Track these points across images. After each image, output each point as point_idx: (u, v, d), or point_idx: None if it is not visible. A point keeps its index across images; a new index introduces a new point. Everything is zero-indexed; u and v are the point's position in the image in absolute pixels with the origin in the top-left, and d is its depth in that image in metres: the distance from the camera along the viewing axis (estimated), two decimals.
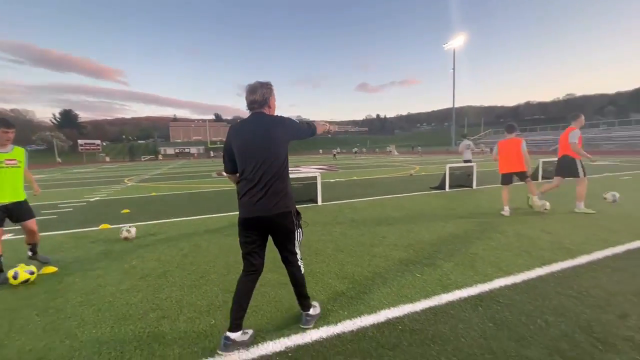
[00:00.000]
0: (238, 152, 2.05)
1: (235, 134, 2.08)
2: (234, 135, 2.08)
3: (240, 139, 2.05)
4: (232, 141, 2.08)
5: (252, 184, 2.01)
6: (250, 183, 2.01)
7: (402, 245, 4.02)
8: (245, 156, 2.03)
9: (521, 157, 5.56)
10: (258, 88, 2.14)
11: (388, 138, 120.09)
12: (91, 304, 2.70)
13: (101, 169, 32.70)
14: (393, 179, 12.53)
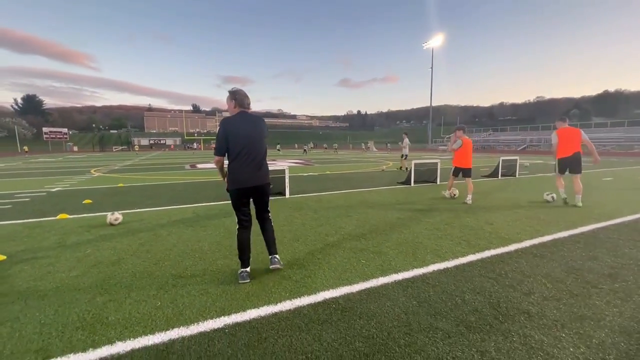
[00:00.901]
0: (235, 139, 2.71)
1: (234, 125, 2.73)
2: (232, 126, 2.72)
3: (240, 130, 2.73)
4: (229, 131, 2.71)
5: (248, 163, 2.76)
6: (247, 162, 2.75)
7: (355, 235, 4.25)
8: (244, 142, 2.73)
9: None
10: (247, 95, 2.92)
11: (368, 134, 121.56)
12: (37, 290, 2.73)
13: (67, 159, 31.14)
14: (365, 174, 12.86)
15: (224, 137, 2.71)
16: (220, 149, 2.75)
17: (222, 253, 3.59)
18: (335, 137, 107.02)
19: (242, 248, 2.88)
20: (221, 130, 2.72)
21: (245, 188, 2.80)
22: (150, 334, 2.06)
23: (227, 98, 2.86)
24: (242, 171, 2.76)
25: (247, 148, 2.75)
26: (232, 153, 2.74)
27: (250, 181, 2.81)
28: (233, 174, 2.77)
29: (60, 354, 1.88)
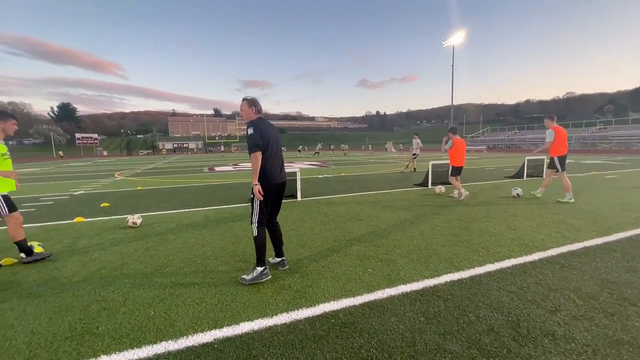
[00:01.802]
0: (267, 140, 2.85)
1: (265, 128, 2.88)
2: (264, 128, 2.86)
3: (269, 132, 2.90)
4: (263, 132, 2.84)
5: (277, 161, 2.99)
6: (277, 161, 2.98)
7: (365, 240, 4.04)
8: (273, 144, 2.93)
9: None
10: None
11: (387, 135, 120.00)
12: (38, 296, 2.72)
13: (96, 163, 32.65)
14: (381, 176, 12.54)
15: (260, 136, 2.80)
16: (260, 145, 2.80)
17: (224, 259, 3.49)
18: (353, 138, 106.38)
19: (265, 246, 2.93)
20: (257, 129, 2.81)
21: (277, 184, 2.97)
22: (137, 348, 1.97)
23: (245, 105, 2.98)
24: (275, 168, 2.95)
25: (275, 150, 2.97)
26: (265, 152, 2.85)
27: (280, 178, 3.02)
28: (268, 171, 2.87)
29: None
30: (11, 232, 3.53)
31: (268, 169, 2.88)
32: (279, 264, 3.24)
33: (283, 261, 3.23)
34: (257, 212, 2.89)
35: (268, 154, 2.88)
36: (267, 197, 2.90)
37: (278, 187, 3.02)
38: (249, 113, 2.98)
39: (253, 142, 2.80)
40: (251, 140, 2.81)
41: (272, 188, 2.94)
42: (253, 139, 2.80)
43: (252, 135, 2.80)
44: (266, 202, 2.93)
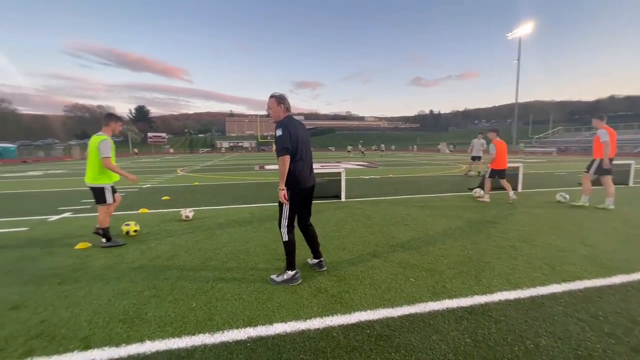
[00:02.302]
0: (296, 141, 2.74)
1: (295, 128, 2.75)
2: (294, 128, 2.74)
3: (299, 132, 2.78)
4: (292, 132, 2.71)
5: (307, 163, 2.89)
6: (307, 163, 2.88)
7: (409, 247, 3.81)
8: (302, 145, 2.81)
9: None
10: None
11: (441, 135, 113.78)
12: (102, 279, 3.03)
13: (163, 159, 36.13)
14: (432, 178, 11.87)
15: (288, 138, 2.69)
16: (288, 148, 2.69)
17: (265, 257, 3.56)
18: (403, 138, 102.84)
19: (295, 250, 2.89)
20: (285, 131, 2.69)
21: (307, 187, 2.90)
22: (178, 337, 2.07)
23: (273, 102, 2.83)
24: (305, 171, 2.86)
25: (305, 150, 2.88)
26: (292, 153, 2.74)
27: (310, 181, 2.94)
28: (298, 174, 2.78)
29: (98, 345, 1.99)
30: (101, 218, 4.04)
31: (298, 173, 2.78)
32: (316, 265, 3.19)
33: (321, 262, 3.17)
34: (286, 217, 2.82)
35: (298, 156, 2.78)
36: (296, 201, 2.82)
37: (308, 190, 2.93)
38: (278, 111, 2.84)
39: (281, 145, 2.67)
40: (279, 143, 2.68)
41: (302, 192, 2.86)
42: (282, 141, 2.68)
43: (281, 137, 2.68)
44: (295, 206, 2.85)
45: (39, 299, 2.62)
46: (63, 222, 5.42)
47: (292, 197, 2.79)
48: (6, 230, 4.88)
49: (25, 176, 15.17)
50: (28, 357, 1.89)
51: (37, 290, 2.78)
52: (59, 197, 8.21)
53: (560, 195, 6.70)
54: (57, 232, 4.78)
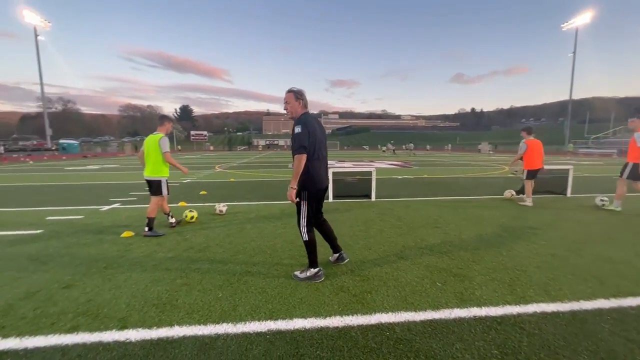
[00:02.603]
0: (314, 139, 2.68)
1: (313, 125, 2.70)
2: (312, 125, 2.69)
3: (317, 130, 2.73)
4: (310, 130, 2.67)
5: (324, 163, 2.85)
6: (324, 163, 2.84)
7: (438, 250, 3.67)
8: (319, 143, 2.75)
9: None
10: None
11: (483, 134, 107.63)
12: (141, 265, 3.28)
13: (204, 156, 38.07)
14: (470, 180, 11.29)
15: (307, 136, 2.64)
16: (306, 147, 2.63)
17: (291, 253, 3.62)
18: (441, 138, 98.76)
19: (316, 248, 2.89)
20: (304, 129, 2.63)
21: (323, 188, 2.87)
22: (203, 325, 2.18)
23: (291, 97, 2.77)
24: (322, 170, 2.83)
25: (322, 149, 2.83)
26: (310, 152, 2.68)
27: (326, 180, 2.91)
28: (315, 174, 2.74)
29: (133, 326, 2.16)
30: (151, 208, 4.43)
31: (316, 172, 2.74)
32: (338, 259, 3.20)
33: (341, 255, 3.20)
34: (305, 216, 2.81)
35: (315, 156, 2.72)
36: (313, 201, 2.81)
37: (324, 190, 2.91)
38: (295, 106, 2.78)
39: (299, 143, 2.60)
40: (297, 141, 2.61)
41: (319, 192, 2.83)
42: (300, 139, 2.61)
43: (299, 135, 2.61)
44: (312, 205, 2.84)
45: (87, 281, 2.90)
46: (112, 212, 5.93)
47: (309, 197, 2.78)
48: (65, 218, 5.45)
49: (84, 169, 16.81)
50: (74, 331, 2.10)
51: (87, 273, 3.08)
52: (111, 190, 8.99)
53: (599, 199, 6.23)
54: (107, 221, 5.25)
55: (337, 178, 7.39)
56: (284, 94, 2.82)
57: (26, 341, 2.00)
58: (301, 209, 2.81)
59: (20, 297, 2.60)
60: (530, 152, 6.37)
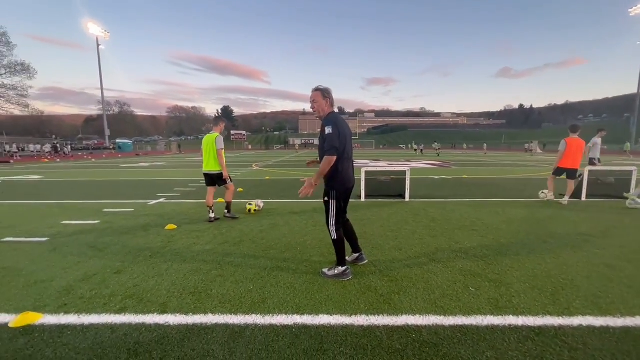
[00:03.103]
0: (344, 138, 2.71)
1: (342, 124, 2.72)
2: (341, 125, 2.71)
3: (346, 129, 2.76)
4: (340, 129, 2.69)
5: (351, 162, 2.88)
6: (351, 162, 2.87)
7: (473, 254, 3.50)
8: (348, 142, 2.78)
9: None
10: None
11: (532, 133, 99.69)
12: (181, 256, 3.53)
13: (242, 155, 39.62)
14: (515, 181, 10.55)
15: (338, 136, 2.63)
16: (337, 148, 2.62)
17: (320, 250, 3.67)
18: (483, 137, 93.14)
19: (344, 247, 2.90)
20: (336, 129, 2.63)
21: (351, 187, 2.89)
22: (234, 314, 2.30)
23: (319, 95, 2.76)
24: (350, 170, 2.85)
25: (349, 148, 2.83)
26: (341, 152, 2.70)
27: (353, 180, 2.91)
28: (345, 173, 2.77)
29: (172, 311, 2.34)
30: (228, 196, 5.36)
31: (345, 172, 2.76)
32: (357, 259, 3.19)
33: (361, 255, 3.19)
34: (334, 215, 2.83)
35: (345, 155, 2.74)
36: (342, 199, 2.84)
37: (351, 189, 2.92)
38: (323, 105, 2.76)
39: (331, 144, 2.60)
40: (329, 141, 2.61)
41: (347, 191, 2.86)
42: (332, 140, 2.60)
43: (331, 136, 2.60)
44: (341, 204, 2.86)
45: (135, 268, 3.18)
46: (158, 206, 6.42)
47: (338, 196, 2.82)
48: (118, 210, 6.00)
49: (137, 167, 18.31)
50: (123, 312, 2.33)
51: (134, 261, 3.38)
52: (158, 185, 9.71)
53: (631, 201, 6.03)
54: (154, 214, 5.69)
55: (369, 177, 7.31)
56: (311, 92, 2.82)
57: (83, 318, 2.26)
58: (330, 208, 2.84)
59: (80, 279, 2.92)
60: (567, 151, 6.28)
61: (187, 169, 16.71)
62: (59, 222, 5.07)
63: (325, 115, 2.79)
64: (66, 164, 21.90)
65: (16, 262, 3.37)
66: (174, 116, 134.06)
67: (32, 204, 6.78)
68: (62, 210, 6.08)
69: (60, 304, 2.47)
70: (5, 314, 2.32)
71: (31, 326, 2.16)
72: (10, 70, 39.62)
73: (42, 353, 1.89)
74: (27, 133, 71.92)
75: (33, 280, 2.90)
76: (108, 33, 46.75)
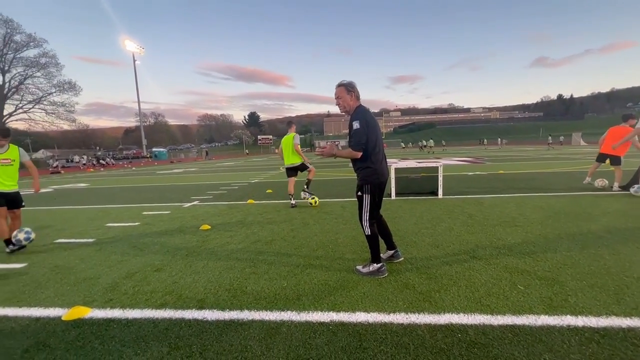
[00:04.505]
0: (373, 131, 2.64)
1: (370, 117, 2.66)
2: (369, 117, 2.65)
3: (374, 124, 2.68)
4: (369, 122, 2.62)
5: (383, 155, 2.77)
6: (383, 155, 2.76)
7: (518, 251, 3.26)
8: (378, 135, 2.69)
9: None
10: None
11: (574, 124, 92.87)
12: (216, 254, 3.60)
13: (270, 158, 40.34)
14: (559, 175, 9.82)
15: (366, 132, 2.58)
16: (364, 144, 2.59)
17: (352, 248, 3.59)
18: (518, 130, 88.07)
19: (379, 243, 2.81)
20: (363, 126, 2.57)
21: (384, 180, 2.79)
22: (269, 311, 2.28)
23: (343, 91, 2.72)
24: (383, 163, 2.76)
25: (380, 141, 2.74)
26: (371, 146, 2.64)
27: (387, 174, 2.83)
28: (377, 167, 2.68)
29: (209, 307, 2.37)
30: (311, 175, 6.57)
31: (377, 165, 2.68)
32: (392, 256, 3.07)
33: (397, 252, 3.07)
34: (367, 210, 2.74)
35: (377, 149, 2.68)
36: (375, 194, 2.74)
37: (385, 183, 2.82)
38: (347, 100, 2.71)
39: (358, 140, 2.57)
40: (357, 137, 2.57)
41: (381, 185, 2.76)
42: (359, 135, 2.56)
43: (359, 132, 2.56)
44: (375, 199, 2.76)
45: (173, 265, 3.29)
46: (192, 209, 6.64)
47: (372, 190, 2.72)
48: (156, 213, 6.28)
49: (171, 173, 19.22)
50: (163, 307, 2.39)
51: (172, 259, 3.49)
52: (191, 189, 10.09)
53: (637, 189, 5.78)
54: (189, 216, 5.89)
55: (399, 175, 7.11)
56: (334, 89, 2.77)
57: (127, 313, 2.34)
58: (363, 203, 2.75)
59: (123, 276, 3.06)
60: (607, 137, 6.74)
61: (218, 173, 17.25)
62: (103, 225, 5.39)
63: (352, 110, 2.74)
64: (109, 172, 23.48)
65: (67, 260, 3.61)
66: (204, 124, 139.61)
67: (80, 208, 7.29)
68: (106, 214, 6.47)
69: (106, 299, 2.59)
70: (59, 308, 2.46)
71: (81, 319, 2.28)
72: (60, 89, 43.50)
73: (91, 345, 1.97)
74: (74, 145, 78.25)
75: (82, 277, 3.07)
76: (143, 49, 49.72)
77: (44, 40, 41.78)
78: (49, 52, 42.08)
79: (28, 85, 42.33)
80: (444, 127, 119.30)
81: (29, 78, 42.11)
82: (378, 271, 2.77)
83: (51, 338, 2.07)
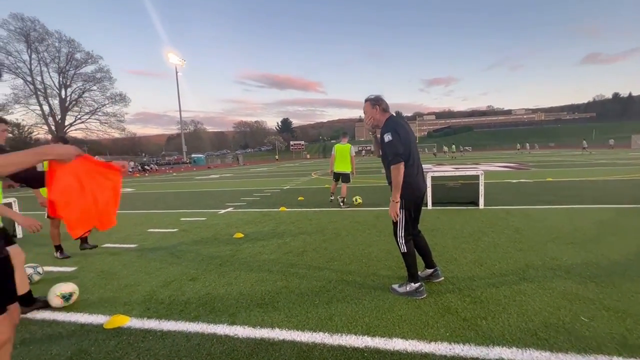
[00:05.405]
0: (407, 143, 2.50)
1: (404, 128, 2.55)
2: (403, 128, 2.53)
3: (409, 132, 2.57)
4: (402, 133, 2.49)
5: (419, 167, 2.62)
6: (418, 168, 2.60)
7: (578, 273, 2.89)
8: (413, 147, 2.57)
9: None
10: None
11: (632, 125, 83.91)
12: (248, 264, 3.60)
13: (301, 164, 40.82)
14: (620, 183, 8.83)
15: (399, 142, 2.46)
16: (401, 154, 2.44)
17: (387, 263, 3.42)
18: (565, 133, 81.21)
19: (416, 261, 2.64)
20: (395, 135, 2.46)
21: (421, 195, 2.65)
22: (301, 331, 2.19)
23: (367, 106, 2.70)
24: (419, 177, 2.63)
25: (416, 153, 2.62)
26: (407, 159, 2.51)
27: (423, 186, 2.72)
28: (412, 180, 2.53)
29: (241, 323, 2.34)
30: (343, 192, 6.97)
31: (411, 178, 2.51)
32: (431, 275, 2.86)
33: (436, 272, 2.86)
34: (402, 227, 2.58)
35: (411, 161, 2.51)
36: (411, 209, 2.58)
37: (422, 197, 2.66)
38: (374, 114, 2.66)
39: (394, 151, 2.42)
40: (391, 150, 2.44)
41: (417, 199, 2.60)
42: (393, 147, 2.43)
43: (392, 143, 2.44)
44: (411, 214, 2.60)
45: (207, 275, 3.33)
46: (227, 215, 6.80)
47: (407, 205, 2.55)
48: (193, 219, 6.51)
49: (208, 178, 20.05)
50: (196, 320, 2.40)
51: (206, 268, 3.55)
52: (227, 195, 10.40)
53: None
54: (223, 222, 6.03)
55: (436, 183, 6.77)
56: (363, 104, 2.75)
57: (162, 324, 2.38)
58: (398, 218, 2.59)
59: (160, 285, 3.14)
60: None
61: (252, 179, 17.69)
62: (145, 230, 5.67)
63: (381, 124, 2.65)
64: (152, 177, 25.06)
65: (111, 266, 3.81)
66: (239, 131, 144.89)
67: (126, 213, 7.77)
68: (148, 219, 6.83)
69: (144, 308, 2.66)
70: (101, 315, 2.57)
71: (121, 328, 2.35)
72: (112, 100, 47.70)
73: (128, 356, 2.01)
74: (123, 152, 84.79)
75: (124, 284, 3.21)
76: (184, 61, 52.98)
77: (100, 57, 46.23)
78: (103, 68, 46.58)
79: (85, 98, 47.01)
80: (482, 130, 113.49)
81: (87, 91, 46.72)
82: (416, 291, 2.59)
83: (93, 346, 2.14)
